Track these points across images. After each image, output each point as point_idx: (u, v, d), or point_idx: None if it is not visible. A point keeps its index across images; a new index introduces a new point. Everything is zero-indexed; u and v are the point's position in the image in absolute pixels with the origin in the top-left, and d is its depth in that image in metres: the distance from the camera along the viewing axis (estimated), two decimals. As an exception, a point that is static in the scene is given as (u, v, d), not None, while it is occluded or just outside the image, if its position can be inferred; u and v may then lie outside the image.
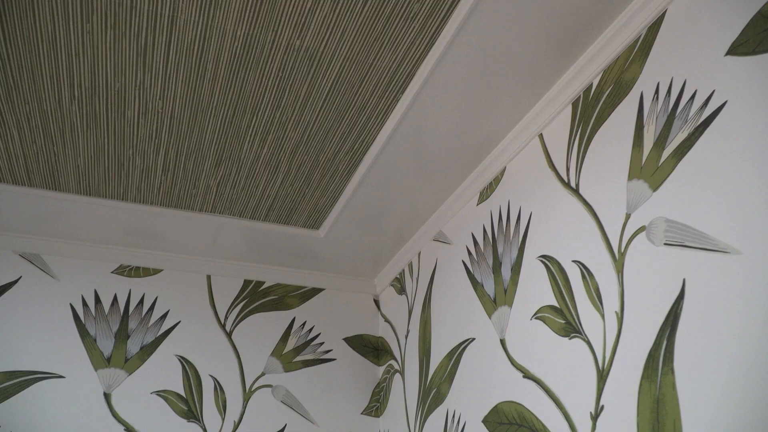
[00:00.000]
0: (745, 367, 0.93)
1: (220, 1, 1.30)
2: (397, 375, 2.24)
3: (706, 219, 1.06)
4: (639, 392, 1.13)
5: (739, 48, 1.05)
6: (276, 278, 2.46)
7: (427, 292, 2.11)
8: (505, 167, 1.74)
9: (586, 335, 1.30)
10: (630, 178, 1.25)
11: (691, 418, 1.01)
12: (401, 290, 2.34)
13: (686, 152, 1.12)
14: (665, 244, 1.13)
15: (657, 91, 1.22)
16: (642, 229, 1.19)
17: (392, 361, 2.32)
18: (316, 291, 2.51)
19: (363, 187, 1.93)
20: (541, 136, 1.59)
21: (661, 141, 1.18)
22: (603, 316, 1.26)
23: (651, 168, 1.20)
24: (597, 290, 1.29)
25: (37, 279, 2.13)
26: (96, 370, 2.06)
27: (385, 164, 1.81)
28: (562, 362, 1.36)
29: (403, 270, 2.34)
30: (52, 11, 1.32)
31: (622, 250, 1.24)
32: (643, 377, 1.13)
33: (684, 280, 1.08)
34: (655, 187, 1.18)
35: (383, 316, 2.50)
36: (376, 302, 2.59)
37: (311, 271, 2.50)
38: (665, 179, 1.16)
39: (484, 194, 1.83)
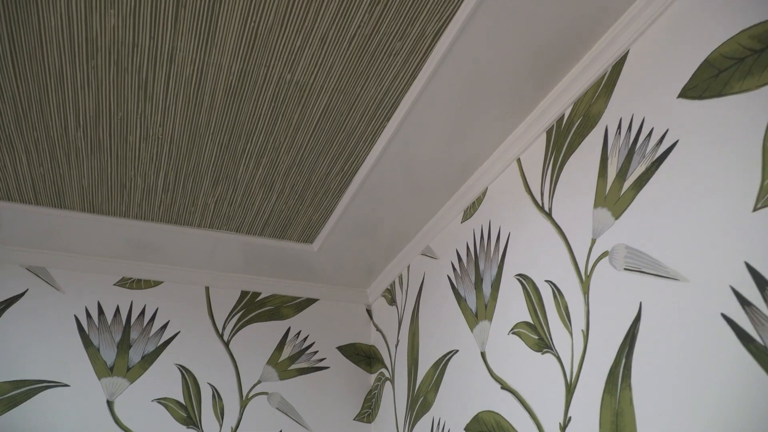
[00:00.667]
0: (693, 384, 1.03)
1: (215, 39, 1.40)
2: (388, 383, 2.34)
3: (659, 248, 1.15)
4: (601, 406, 1.23)
5: (689, 92, 1.15)
6: (272, 289, 2.56)
7: (415, 304, 2.20)
8: (487, 188, 1.83)
9: (556, 351, 1.40)
10: (596, 205, 1.35)
11: (645, 431, 1.10)
12: (392, 301, 2.44)
13: (644, 185, 1.22)
14: (625, 269, 1.23)
15: (620, 126, 1.32)
16: (605, 254, 1.29)
17: (383, 369, 2.41)
18: (310, 301, 2.61)
19: (354, 204, 2.03)
20: (519, 160, 1.69)
21: (623, 173, 1.28)
22: (571, 334, 1.36)
23: (614, 197, 1.29)
24: (566, 309, 1.39)
25: (43, 291, 2.23)
26: (99, 378, 2.15)
27: (374, 183, 1.91)
28: (536, 375, 1.45)
29: (394, 282, 2.44)
30: (60, 50, 1.42)
31: (588, 273, 1.33)
32: (605, 392, 1.23)
33: (641, 304, 1.18)
34: (617, 216, 1.28)
35: (375, 325, 2.59)
36: (369, 312, 2.69)
37: (306, 282, 2.60)
38: (626, 209, 1.25)
39: (468, 213, 1.92)
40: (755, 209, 0.97)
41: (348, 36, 1.40)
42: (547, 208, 1.53)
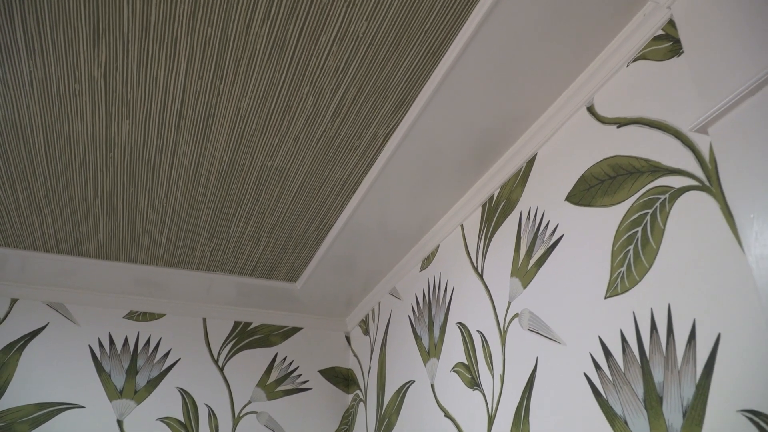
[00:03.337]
0: (566, 424, 1.38)
1: (209, 139, 1.75)
2: (361, 404, 2.68)
3: (550, 316, 1.50)
4: (511, 435, 1.57)
5: (572, 198, 1.49)
6: (261, 319, 2.90)
7: (384, 337, 2.55)
8: (439, 245, 2.18)
9: (482, 389, 1.74)
10: (511, 275, 1.69)
11: (535, 457, 1.45)
12: (366, 331, 2.79)
13: (542, 264, 1.56)
14: (528, 329, 1.58)
15: (529, 214, 1.66)
16: (516, 315, 1.64)
17: (358, 391, 2.76)
18: (295, 330, 2.96)
19: (330, 252, 2.37)
20: (462, 226, 2.04)
21: (530, 252, 1.63)
22: (493, 376, 1.70)
23: (523, 270, 1.64)
24: (490, 356, 1.73)
25: (62, 325, 2.57)
26: (111, 401, 2.50)
27: (347, 236, 2.25)
28: (468, 408, 1.80)
29: (368, 314, 2.79)
30: (84, 145, 1.76)
31: (505, 328, 1.68)
32: (512, 425, 1.57)
33: (537, 358, 1.52)
34: (525, 285, 1.62)
35: (353, 350, 2.94)
36: (347, 338, 3.03)
37: (291, 313, 2.94)
38: (531, 281, 1.60)
39: (425, 263, 2.27)
40: (605, 297, 1.32)
41: (316, 137, 1.75)
42: (480, 270, 1.87)
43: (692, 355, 1.09)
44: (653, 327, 1.19)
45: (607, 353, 1.29)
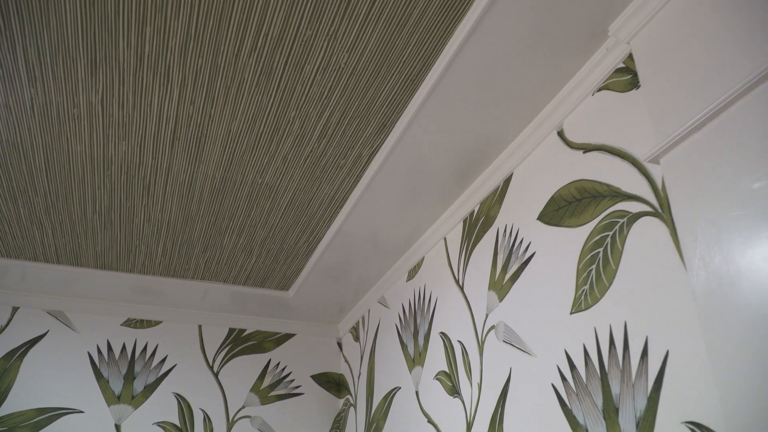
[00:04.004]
0: (536, 429, 1.46)
1: (202, 158, 1.84)
2: (352, 408, 2.77)
3: (522, 329, 1.58)
4: (487, 441, 1.66)
5: (543, 217, 1.58)
6: (255, 326, 2.99)
7: (373, 344, 2.64)
8: (424, 257, 2.27)
9: (462, 397, 1.83)
10: (489, 288, 1.78)
11: (508, 463, 1.54)
12: (356, 338, 2.87)
13: (516, 279, 1.65)
14: (503, 341, 1.66)
15: (505, 230, 1.75)
16: (493, 327, 1.72)
17: (348, 396, 2.84)
18: (288, 336, 3.04)
19: (321, 262, 2.45)
20: (445, 239, 2.12)
21: (505, 267, 1.71)
22: (471, 385, 1.79)
23: (499, 285, 1.73)
24: (469, 365, 1.82)
25: (61, 332, 2.65)
26: (109, 406, 2.58)
27: (337, 247, 2.33)
28: (449, 414, 1.88)
29: (359, 321, 2.87)
30: (82, 164, 1.85)
31: (483, 339, 1.77)
32: (489, 430, 1.66)
33: (510, 368, 1.61)
34: (501, 299, 1.71)
35: (344, 356, 3.03)
36: (339, 344, 3.12)
37: (285, 320, 3.03)
38: (506, 295, 1.69)
39: (411, 274, 2.36)
40: (571, 313, 1.41)
41: (303, 156, 1.84)
42: (461, 283, 1.96)
43: (644, 370, 1.18)
44: (611, 342, 1.27)
45: (572, 366, 1.38)
